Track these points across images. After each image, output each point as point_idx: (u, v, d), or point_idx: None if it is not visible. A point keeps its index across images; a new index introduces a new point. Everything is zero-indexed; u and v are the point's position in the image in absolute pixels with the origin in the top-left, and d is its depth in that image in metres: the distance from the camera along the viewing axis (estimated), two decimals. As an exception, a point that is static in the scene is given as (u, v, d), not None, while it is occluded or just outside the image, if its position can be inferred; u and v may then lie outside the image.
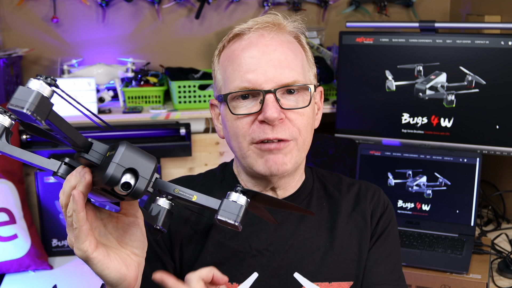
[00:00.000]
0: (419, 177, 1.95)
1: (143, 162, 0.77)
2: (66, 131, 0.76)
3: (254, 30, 1.05)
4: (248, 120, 1.03)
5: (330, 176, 1.20)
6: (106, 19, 2.35)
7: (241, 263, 1.07)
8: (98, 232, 0.84)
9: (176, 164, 2.18)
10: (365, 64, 2.09)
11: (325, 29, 2.47)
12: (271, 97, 1.00)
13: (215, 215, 0.81)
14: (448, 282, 1.65)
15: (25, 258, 1.90)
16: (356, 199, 1.15)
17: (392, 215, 1.17)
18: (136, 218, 0.86)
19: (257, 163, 1.04)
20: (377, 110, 2.10)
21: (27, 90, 0.72)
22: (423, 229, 1.91)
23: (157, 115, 2.11)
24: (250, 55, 1.03)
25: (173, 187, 0.82)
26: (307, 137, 1.06)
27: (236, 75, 1.03)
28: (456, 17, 2.50)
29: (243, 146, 1.04)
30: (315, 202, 1.14)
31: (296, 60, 1.05)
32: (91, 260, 0.80)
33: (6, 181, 1.93)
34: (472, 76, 1.95)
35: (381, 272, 1.11)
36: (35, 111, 0.72)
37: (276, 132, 1.01)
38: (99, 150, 0.79)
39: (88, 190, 0.78)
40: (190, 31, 2.42)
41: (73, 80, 2.04)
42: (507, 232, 1.99)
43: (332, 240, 1.10)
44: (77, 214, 0.77)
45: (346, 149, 2.10)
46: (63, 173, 0.82)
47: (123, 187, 0.75)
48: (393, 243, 1.15)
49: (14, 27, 2.29)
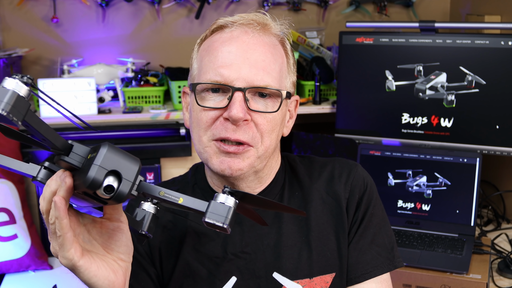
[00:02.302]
0: (419, 177, 1.95)
1: (126, 164, 0.73)
2: (44, 133, 0.71)
3: (237, 25, 1.02)
4: (213, 115, 1.00)
5: (300, 161, 1.15)
6: (106, 19, 2.35)
7: (218, 269, 1.04)
8: (81, 238, 0.80)
9: (176, 164, 2.17)
10: (365, 64, 2.09)
11: (325, 29, 2.47)
12: (239, 96, 0.98)
13: (202, 218, 0.77)
14: (448, 282, 1.65)
15: (25, 258, 1.90)
16: (329, 182, 1.10)
17: (373, 193, 1.11)
18: (121, 222, 0.83)
19: (212, 160, 1.01)
20: (377, 110, 2.10)
21: (2, 90, 0.68)
22: (423, 229, 1.91)
23: (157, 115, 2.11)
24: (228, 49, 1.00)
25: (158, 189, 0.78)
26: (270, 145, 1.02)
27: (210, 67, 1.00)
28: (456, 17, 2.50)
29: (203, 141, 1.01)
30: (287, 195, 1.10)
31: (275, 64, 1.02)
32: (78, 268, 0.77)
33: (6, 181, 1.93)
34: (472, 76, 1.95)
35: (368, 260, 1.07)
36: (11, 111, 0.67)
37: (238, 134, 0.98)
38: (80, 153, 0.75)
39: (69, 194, 0.75)
40: (190, 31, 2.42)
41: (73, 80, 2.04)
42: (507, 232, 1.99)
43: (308, 233, 1.06)
44: (60, 221, 0.74)
45: (346, 149, 2.10)
46: (43, 178, 0.79)
47: (106, 191, 0.72)
48: (377, 223, 1.09)
49: (14, 27, 2.29)
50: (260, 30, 1.03)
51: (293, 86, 1.09)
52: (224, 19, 1.04)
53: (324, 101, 2.25)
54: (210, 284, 1.03)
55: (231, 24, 1.03)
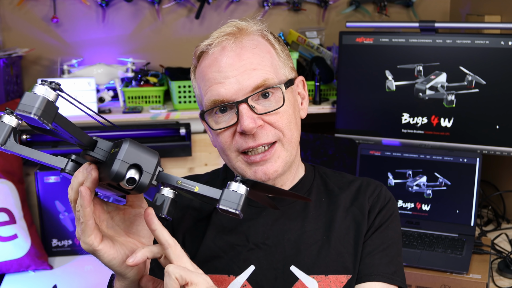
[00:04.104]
0: (419, 177, 1.95)
1: (146, 157, 0.81)
2: (72, 132, 0.79)
3: (215, 45, 1.05)
4: (229, 133, 1.05)
5: (332, 174, 1.20)
6: (106, 19, 2.35)
7: (238, 256, 1.08)
8: (105, 224, 0.88)
9: (176, 164, 2.17)
10: (365, 64, 2.09)
11: (325, 29, 2.47)
12: (244, 107, 1.01)
13: (216, 205, 0.84)
14: (448, 282, 1.65)
15: (25, 258, 1.90)
16: (356, 194, 1.15)
17: (394, 210, 1.15)
18: (142, 209, 0.90)
19: (247, 173, 1.06)
20: (377, 110, 2.10)
21: (33, 96, 0.76)
22: (423, 229, 1.91)
23: (157, 115, 2.11)
24: (216, 69, 1.04)
25: (176, 179, 0.86)
26: (292, 134, 1.07)
27: (207, 91, 1.05)
28: (456, 17, 2.50)
29: (231, 158, 1.07)
30: (314, 198, 1.14)
31: (264, 60, 1.05)
32: (97, 252, 0.84)
33: (6, 181, 1.93)
34: (472, 76, 1.95)
35: (375, 264, 1.09)
36: (42, 115, 0.75)
37: (258, 139, 1.03)
38: (104, 148, 0.82)
39: (95, 185, 0.82)
40: (190, 31, 2.42)
41: (73, 80, 2.05)
42: (507, 232, 1.99)
43: (329, 234, 1.09)
44: (84, 209, 0.80)
45: (346, 149, 2.10)
46: (70, 170, 0.86)
47: (128, 182, 0.79)
48: (392, 237, 1.13)
49: (14, 27, 2.29)
50: (236, 38, 1.05)
51: (292, 70, 1.12)
52: (202, 44, 1.08)
53: (324, 101, 2.25)
54: (228, 270, 1.07)
55: (209, 47, 1.06)
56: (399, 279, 1.10)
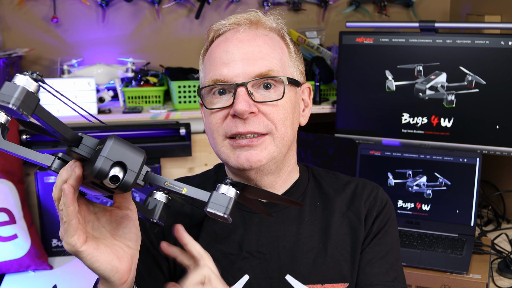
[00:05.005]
0: (419, 177, 1.95)
1: (132, 155, 0.77)
2: (54, 126, 0.76)
3: (229, 25, 1.05)
4: (221, 115, 1.03)
5: (326, 175, 1.17)
6: (106, 19, 2.35)
7: (232, 266, 1.05)
8: (91, 225, 0.84)
9: (176, 164, 2.17)
10: (365, 64, 2.09)
11: (325, 29, 2.47)
12: (242, 90, 1.00)
13: (204, 207, 0.81)
14: (448, 282, 1.65)
15: (25, 258, 1.90)
16: (352, 198, 1.12)
17: (391, 214, 1.13)
18: (129, 211, 0.86)
19: (230, 159, 1.03)
20: (377, 110, 2.10)
21: (13, 86, 0.73)
22: (423, 229, 1.91)
23: (157, 115, 2.11)
24: (224, 49, 1.03)
25: (164, 180, 0.82)
26: (286, 131, 1.04)
27: (211, 70, 1.03)
28: (456, 17, 2.50)
29: (217, 141, 1.04)
30: (308, 202, 1.11)
31: (273, 52, 1.04)
32: (80, 253, 0.80)
33: (6, 181, 1.93)
34: (472, 76, 1.95)
35: (375, 273, 1.07)
36: (21, 106, 0.73)
37: (248, 126, 1.00)
38: (89, 144, 0.79)
39: (78, 183, 0.78)
40: (190, 31, 2.42)
41: (73, 80, 2.04)
42: (507, 232, 1.99)
43: (325, 241, 1.07)
44: (66, 208, 0.77)
45: (346, 149, 2.10)
46: (56, 168, 0.82)
47: (112, 180, 0.76)
48: (390, 243, 1.11)
49: (14, 27, 2.29)
50: (251, 25, 1.05)
51: (301, 74, 1.10)
52: (217, 24, 1.07)
53: (324, 101, 2.25)
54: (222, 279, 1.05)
55: (224, 26, 1.05)
56: (400, 285, 1.09)
